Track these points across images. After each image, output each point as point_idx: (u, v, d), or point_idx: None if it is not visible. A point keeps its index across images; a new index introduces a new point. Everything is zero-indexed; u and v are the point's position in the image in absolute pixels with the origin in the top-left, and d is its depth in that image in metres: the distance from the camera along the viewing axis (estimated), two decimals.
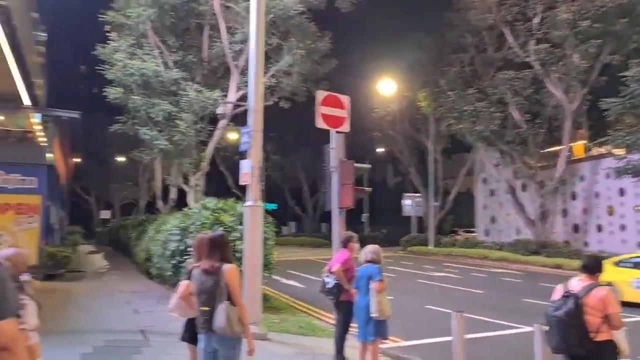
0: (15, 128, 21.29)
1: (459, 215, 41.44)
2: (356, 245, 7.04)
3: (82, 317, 9.80)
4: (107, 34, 17.25)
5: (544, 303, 12.26)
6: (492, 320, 10.51)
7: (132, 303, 12.09)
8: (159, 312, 10.71)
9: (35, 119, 21.50)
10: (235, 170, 34.68)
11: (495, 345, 8.83)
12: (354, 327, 6.76)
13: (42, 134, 21.06)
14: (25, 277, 3.41)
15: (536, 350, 5.21)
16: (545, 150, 27.81)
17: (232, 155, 31.92)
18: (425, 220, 36.00)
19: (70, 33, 39.75)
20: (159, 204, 24.75)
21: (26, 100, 23.65)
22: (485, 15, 25.05)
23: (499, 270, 22.53)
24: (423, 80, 30.60)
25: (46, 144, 20.63)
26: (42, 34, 32.51)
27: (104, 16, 16.85)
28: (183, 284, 4.57)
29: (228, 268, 4.06)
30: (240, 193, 26.16)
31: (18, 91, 22.28)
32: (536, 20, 23.95)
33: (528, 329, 8.68)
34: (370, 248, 6.60)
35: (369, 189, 10.03)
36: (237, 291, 4.07)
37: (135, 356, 7.03)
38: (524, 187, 29.12)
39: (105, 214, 47.85)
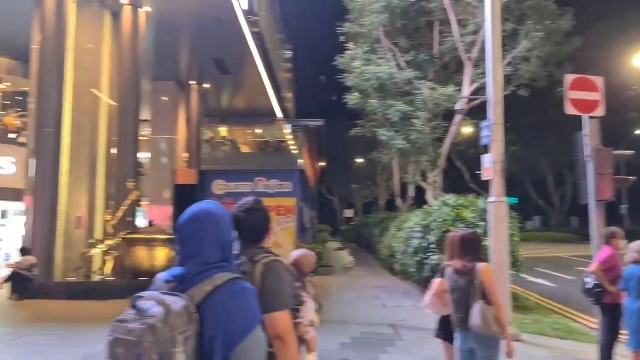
0: (272, 139, 24.16)
1: None
2: (621, 243, 6.27)
3: (337, 309, 10.57)
4: (344, 44, 18.38)
5: None
6: None
7: (379, 298, 12.63)
8: (406, 307, 11.01)
9: (287, 129, 24.11)
10: (471, 165, 33.85)
11: None
12: (623, 334, 6.04)
13: (293, 142, 23.47)
14: (309, 277, 3.81)
15: None
16: None
17: (467, 150, 31.17)
18: None
19: (311, 48, 43.46)
20: (398, 202, 25.47)
21: (279, 114, 26.70)
22: None
23: None
24: None
25: (297, 152, 22.93)
26: (288, 52, 36.24)
27: (341, 28, 18.00)
28: (436, 282, 4.61)
29: (482, 267, 3.98)
30: (478, 188, 25.46)
31: (272, 106, 25.26)
32: None
33: None
34: (636, 246, 5.81)
35: (632, 178, 8.82)
36: (494, 290, 3.95)
37: (389, 349, 7.33)
38: None
39: (348, 213, 51.09)
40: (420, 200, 19.87)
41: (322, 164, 44.42)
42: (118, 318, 1.54)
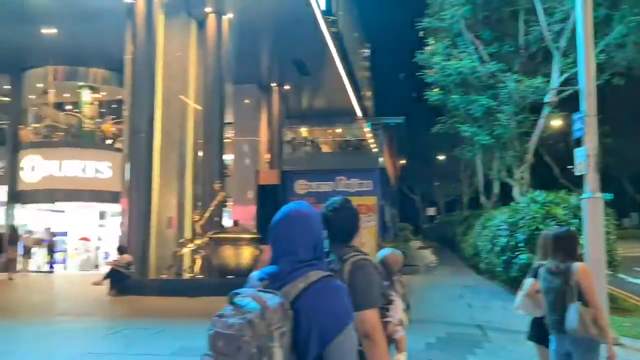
0: (352, 138, 24.28)
1: None
2: None
3: (422, 308, 10.41)
4: (423, 39, 18.08)
5: None
6: None
7: (464, 297, 12.37)
8: (492, 308, 10.71)
9: (367, 127, 24.14)
10: (561, 160, 32.22)
11: None
12: None
13: (373, 140, 23.45)
14: (396, 276, 3.80)
15: None
16: None
17: (556, 144, 29.74)
18: None
19: (389, 45, 43.13)
20: (482, 199, 24.75)
21: (358, 112, 26.75)
22: None
23: None
24: None
25: (377, 150, 22.90)
26: (366, 50, 36.22)
27: (420, 23, 17.74)
28: (529, 282, 4.45)
29: (578, 267, 3.78)
30: (568, 183, 24.21)
31: (352, 105, 25.36)
32: None
33: None
34: None
35: None
36: (592, 291, 3.75)
37: (476, 350, 7.14)
38: None
39: (430, 211, 50.29)
40: (505, 197, 19.23)
41: (403, 161, 43.98)
42: (217, 313, 1.61)
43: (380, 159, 22.22)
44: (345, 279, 2.18)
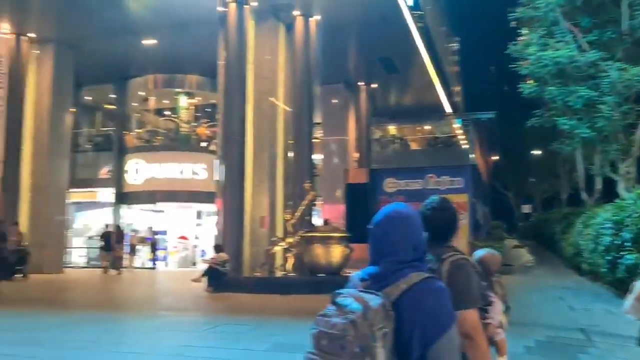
0: (441, 135, 23.85)
1: None
2: None
3: (520, 310, 9.97)
4: (516, 30, 17.39)
5: None
6: None
7: (565, 299, 11.77)
8: (596, 311, 10.11)
9: (457, 124, 23.61)
10: None
11: None
12: None
13: (464, 136, 22.88)
14: (495, 277, 3.71)
15: None
16: None
17: None
18: None
19: (478, 37, 41.76)
20: (583, 195, 23.40)
21: (448, 108, 26.20)
22: None
23: None
24: None
25: (468, 146, 22.33)
26: (454, 44, 35.35)
27: (513, 14, 17.08)
28: (638, 284, 4.17)
29: None
30: None
31: (441, 101, 24.89)
32: None
33: None
34: None
35: None
36: None
37: (580, 356, 6.76)
38: None
39: (525, 209, 48.19)
40: (609, 194, 18.05)
41: (495, 157, 42.51)
42: (320, 313, 1.65)
43: (472, 156, 21.67)
44: (443, 279, 2.16)
